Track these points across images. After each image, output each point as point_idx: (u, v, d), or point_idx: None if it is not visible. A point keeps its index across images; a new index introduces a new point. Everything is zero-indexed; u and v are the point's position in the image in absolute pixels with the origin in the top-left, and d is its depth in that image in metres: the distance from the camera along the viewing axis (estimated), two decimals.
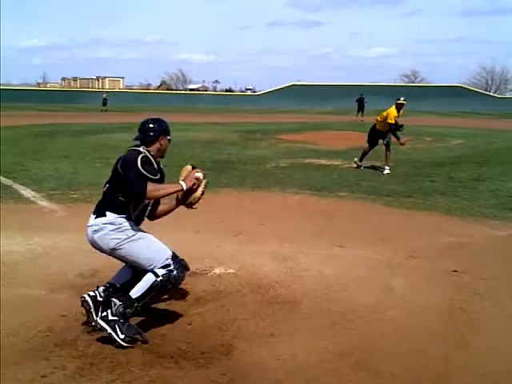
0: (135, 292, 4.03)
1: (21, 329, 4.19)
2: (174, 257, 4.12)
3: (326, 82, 76.11)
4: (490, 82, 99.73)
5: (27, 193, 9.56)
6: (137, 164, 4.01)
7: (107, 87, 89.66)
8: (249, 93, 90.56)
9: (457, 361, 3.86)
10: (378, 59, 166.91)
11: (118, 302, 4.01)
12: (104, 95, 52.20)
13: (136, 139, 4.29)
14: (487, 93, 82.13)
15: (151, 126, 4.30)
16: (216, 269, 5.61)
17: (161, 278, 4.00)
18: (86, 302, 4.17)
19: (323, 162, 14.82)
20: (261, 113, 49.54)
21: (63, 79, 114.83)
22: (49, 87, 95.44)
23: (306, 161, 14.94)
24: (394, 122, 12.96)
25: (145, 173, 4.02)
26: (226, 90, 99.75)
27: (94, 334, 4.10)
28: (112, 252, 4.12)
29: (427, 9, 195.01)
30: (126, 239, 4.05)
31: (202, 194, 4.32)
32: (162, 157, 4.39)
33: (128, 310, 4.00)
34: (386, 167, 12.92)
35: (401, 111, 13.15)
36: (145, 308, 4.19)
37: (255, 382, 3.57)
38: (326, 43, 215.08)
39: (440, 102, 64.05)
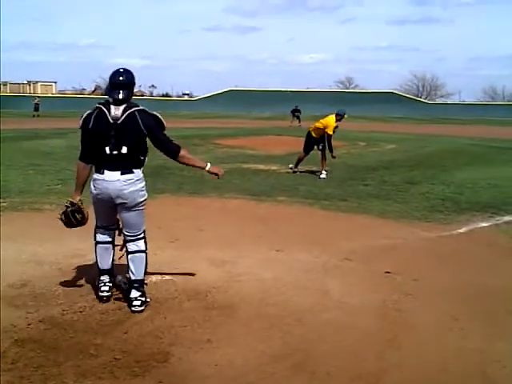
0: (140, 274, 4.75)
1: None
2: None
3: (263, 88, 76.72)
4: (420, 88, 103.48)
5: None
6: (161, 122, 4.68)
7: (39, 92, 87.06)
8: (186, 98, 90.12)
9: (390, 360, 3.96)
10: (314, 65, 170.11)
11: (137, 291, 4.69)
12: (35, 100, 50.76)
13: (123, 98, 4.45)
14: (418, 99, 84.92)
15: (131, 76, 4.57)
16: (152, 276, 5.51)
17: (146, 250, 4.81)
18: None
19: (261, 166, 14.92)
20: (198, 118, 49.41)
21: None
22: None
23: (244, 166, 15.00)
24: (331, 133, 13.19)
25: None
26: (163, 95, 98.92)
27: (24, 345, 3.96)
28: (133, 206, 4.59)
29: (361, 17, 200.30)
30: (145, 199, 4.71)
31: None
32: None
33: (143, 288, 4.76)
34: (323, 171, 13.13)
35: (337, 126, 13.39)
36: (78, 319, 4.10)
37: None
38: (262, 49, 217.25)
39: (373, 108, 65.85)
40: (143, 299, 4.65)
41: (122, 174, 4.45)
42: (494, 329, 4.55)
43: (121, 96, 4.42)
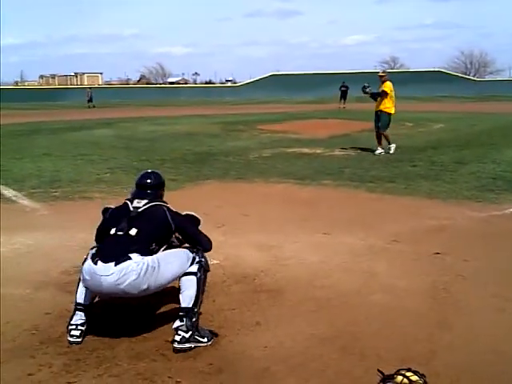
0: (189, 301, 3.93)
1: (5, 328, 4.16)
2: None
3: (306, 71, 76.07)
4: (468, 65, 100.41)
5: (8, 192, 9.46)
6: (193, 221, 4.38)
7: (86, 83, 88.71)
8: (229, 84, 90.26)
9: (441, 341, 3.91)
10: (356, 47, 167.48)
11: (180, 322, 3.86)
12: (88, 92, 51.54)
13: (152, 195, 4.25)
14: (466, 76, 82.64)
15: (158, 177, 4.46)
16: None
17: (198, 273, 4.03)
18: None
19: (305, 150, 14.85)
20: (241, 104, 49.46)
21: (41, 77, 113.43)
22: (27, 85, 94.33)
23: (288, 150, 14.97)
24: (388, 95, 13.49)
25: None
26: (206, 82, 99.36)
27: None
28: (142, 293, 3.91)
29: None
30: (151, 272, 3.85)
31: None
32: None
33: (194, 320, 3.90)
34: (390, 146, 13.33)
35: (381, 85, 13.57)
36: (130, 303, 4.20)
37: (242, 370, 3.58)
38: (303, 32, 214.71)
39: (420, 88, 64.28)
40: (186, 336, 3.81)
41: (116, 264, 3.76)
42: None
43: (146, 195, 4.22)
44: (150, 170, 4.55)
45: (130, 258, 3.80)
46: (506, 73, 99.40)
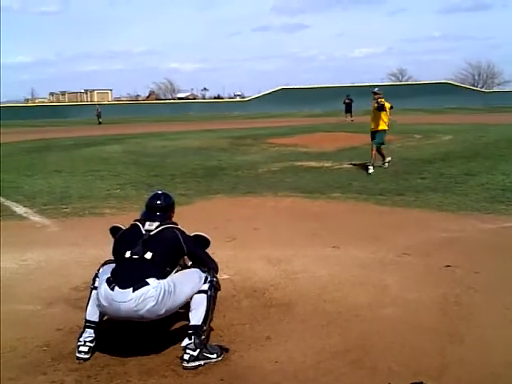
0: (198, 318, 3.95)
1: (17, 344, 4.18)
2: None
3: (314, 85, 76.29)
4: (476, 77, 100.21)
5: (19, 209, 9.53)
6: (203, 242, 4.42)
7: (96, 100, 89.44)
8: (238, 99, 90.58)
9: (453, 354, 3.89)
10: (364, 59, 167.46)
11: (188, 340, 3.86)
12: (97, 109, 51.93)
13: (161, 217, 4.26)
14: (474, 88, 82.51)
15: (168, 199, 4.48)
16: None
17: (209, 291, 4.06)
18: None
19: (314, 164, 14.87)
20: (250, 118, 49.63)
21: (51, 94, 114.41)
22: (37, 103, 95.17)
23: (297, 164, 14.99)
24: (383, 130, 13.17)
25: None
26: (215, 97, 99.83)
27: None
28: (159, 317, 3.95)
29: (410, 8, 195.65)
30: (169, 298, 3.88)
31: None
32: None
33: (203, 337, 3.92)
34: (370, 166, 12.99)
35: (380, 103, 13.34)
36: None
37: None
38: (311, 46, 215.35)
39: (428, 100, 64.26)
40: (194, 354, 3.80)
41: (134, 290, 3.77)
42: None
43: (157, 217, 4.23)
44: (159, 191, 4.57)
45: (147, 284, 3.80)
46: None
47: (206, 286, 4.06)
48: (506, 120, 32.60)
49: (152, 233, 4.09)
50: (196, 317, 3.95)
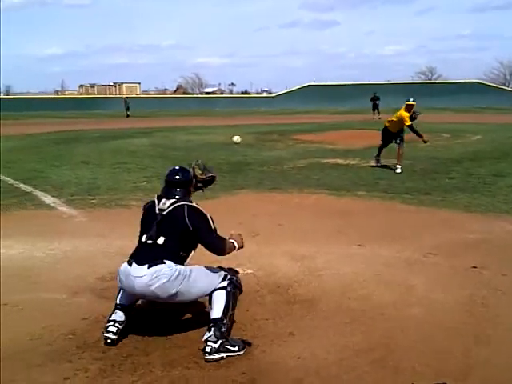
0: (218, 312, 4.01)
1: (43, 332, 4.25)
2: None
3: (342, 82, 75.81)
4: (508, 76, 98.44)
5: (47, 199, 9.67)
6: (209, 223, 4.14)
7: (124, 93, 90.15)
8: (265, 94, 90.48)
9: (478, 356, 3.84)
10: (393, 57, 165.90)
11: (209, 333, 3.91)
12: (125, 100, 52.14)
13: (178, 193, 4.26)
14: (505, 87, 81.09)
15: (187, 174, 4.42)
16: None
17: (229, 288, 4.10)
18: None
19: (340, 161, 14.78)
20: (277, 114, 49.55)
21: (81, 86, 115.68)
22: (67, 95, 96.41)
23: (323, 161, 14.92)
24: (409, 123, 12.87)
25: (216, 228, 4.18)
26: (242, 93, 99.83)
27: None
28: (170, 298, 4.01)
29: (440, 6, 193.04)
30: (182, 280, 3.97)
31: None
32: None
33: (223, 330, 3.93)
34: (398, 166, 12.77)
35: (411, 111, 12.98)
36: (165, 310, 4.25)
37: (275, 380, 3.58)
38: (340, 43, 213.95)
39: (457, 99, 63.34)
40: (216, 346, 3.84)
41: (149, 267, 3.92)
42: None
43: (174, 192, 4.26)
44: (178, 167, 4.49)
45: (163, 263, 3.94)
46: None
47: (225, 283, 4.12)
48: None
49: (164, 212, 4.13)
50: (216, 310, 4.01)
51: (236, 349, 3.90)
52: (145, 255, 4.01)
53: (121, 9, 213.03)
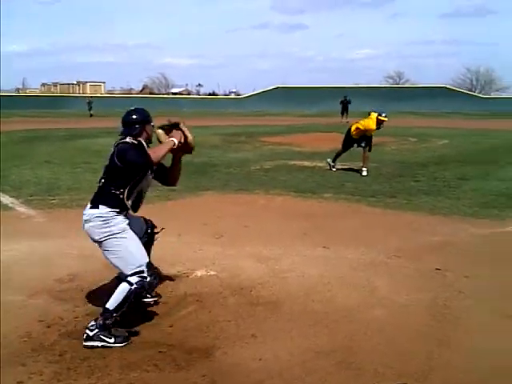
0: (112, 303, 4.02)
1: None
2: (149, 264, 4.17)
3: (310, 85, 76.28)
4: (474, 82, 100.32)
5: (5, 199, 9.42)
6: (132, 147, 4.19)
7: (88, 92, 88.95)
8: (233, 96, 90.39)
9: (440, 358, 3.84)
10: (362, 61, 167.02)
11: (93, 322, 4.01)
12: (88, 100, 51.64)
13: (123, 134, 4.33)
14: (472, 93, 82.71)
15: (135, 117, 4.43)
16: (198, 271, 5.54)
17: (135, 285, 4.02)
18: None
19: (307, 163, 14.81)
20: (245, 116, 49.55)
21: (43, 85, 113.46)
22: (28, 93, 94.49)
23: (290, 163, 14.93)
24: (370, 136, 12.98)
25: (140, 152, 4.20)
26: (210, 94, 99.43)
27: (71, 338, 4.03)
28: (98, 244, 4.20)
29: (410, 11, 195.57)
30: (109, 235, 4.12)
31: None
32: (150, 142, 4.44)
33: (108, 321, 3.98)
34: (364, 168, 12.86)
35: (380, 126, 13.04)
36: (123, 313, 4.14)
37: (236, 382, 3.51)
38: (310, 46, 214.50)
39: (425, 103, 64.26)
40: (90, 334, 3.95)
41: (90, 208, 4.24)
42: None
43: (124, 133, 4.35)
44: (133, 107, 4.61)
45: (97, 207, 4.19)
46: None
47: (134, 279, 4.03)
48: (502, 126, 32.69)
49: (109, 154, 4.27)
50: (112, 301, 4.03)
51: (111, 340, 3.95)
52: (93, 197, 4.32)
53: (88, 6, 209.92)
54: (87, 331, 3.95)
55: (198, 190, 10.41)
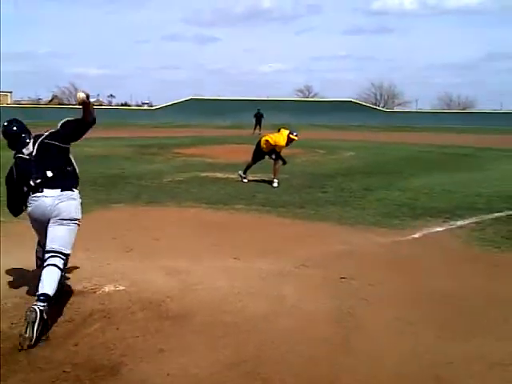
0: (50, 289, 4.36)
1: None
2: None
3: (224, 97, 76.76)
4: (378, 96, 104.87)
5: None
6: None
7: None
8: (145, 107, 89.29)
9: (344, 365, 3.96)
10: (273, 74, 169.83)
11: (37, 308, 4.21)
12: None
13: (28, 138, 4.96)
14: (376, 107, 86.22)
15: (21, 122, 5.18)
16: (105, 286, 5.42)
17: (63, 268, 4.56)
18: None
19: (220, 175, 14.88)
20: (158, 127, 49.06)
21: None
22: None
23: (202, 174, 14.94)
24: (280, 151, 13.24)
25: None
26: (122, 104, 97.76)
27: None
28: (63, 221, 4.61)
29: (318, 27, 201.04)
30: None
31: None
32: None
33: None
34: (275, 180, 13.11)
35: (289, 144, 13.34)
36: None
37: None
38: (221, 58, 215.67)
39: (332, 116, 66.42)
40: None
41: (62, 190, 4.77)
42: (447, 332, 4.60)
43: (24, 139, 4.92)
44: (6, 122, 5.05)
45: (72, 191, 4.91)
46: (413, 105, 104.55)
47: (60, 262, 4.53)
48: (405, 139, 34.31)
49: (34, 153, 4.70)
50: (49, 287, 4.37)
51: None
52: (54, 181, 4.67)
53: None
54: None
55: (108, 203, 10.20)
